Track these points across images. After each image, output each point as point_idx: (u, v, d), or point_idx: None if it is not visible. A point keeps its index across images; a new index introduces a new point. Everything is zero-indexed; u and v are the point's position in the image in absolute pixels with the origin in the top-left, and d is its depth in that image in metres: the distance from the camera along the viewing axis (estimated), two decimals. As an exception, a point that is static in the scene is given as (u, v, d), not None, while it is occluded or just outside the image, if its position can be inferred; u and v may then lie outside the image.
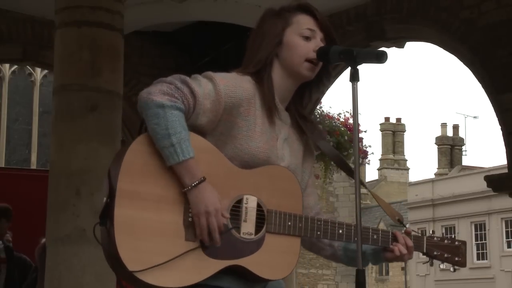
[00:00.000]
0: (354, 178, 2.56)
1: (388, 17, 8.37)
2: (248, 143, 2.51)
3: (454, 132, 45.48)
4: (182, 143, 2.36)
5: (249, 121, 2.53)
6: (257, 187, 2.49)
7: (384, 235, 2.69)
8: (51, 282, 5.70)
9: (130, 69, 8.47)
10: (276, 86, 2.62)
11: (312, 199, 2.76)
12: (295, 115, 2.71)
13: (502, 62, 7.43)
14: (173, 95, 2.39)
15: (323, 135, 2.77)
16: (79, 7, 5.99)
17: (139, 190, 2.36)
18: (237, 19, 8.85)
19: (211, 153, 2.47)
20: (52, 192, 5.84)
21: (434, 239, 2.80)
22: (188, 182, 2.37)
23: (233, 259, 2.43)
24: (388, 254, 2.70)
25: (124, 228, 2.33)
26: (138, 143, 2.41)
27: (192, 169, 2.37)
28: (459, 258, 2.82)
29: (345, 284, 31.02)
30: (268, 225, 2.49)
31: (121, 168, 2.35)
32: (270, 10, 2.71)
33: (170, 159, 2.37)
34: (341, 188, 30.55)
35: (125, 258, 2.32)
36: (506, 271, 31.96)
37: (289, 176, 2.55)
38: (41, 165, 24.52)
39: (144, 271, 2.32)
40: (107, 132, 5.87)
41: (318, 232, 2.57)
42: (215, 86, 2.47)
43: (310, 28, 2.63)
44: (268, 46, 2.63)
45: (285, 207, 2.52)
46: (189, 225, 2.40)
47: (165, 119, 2.36)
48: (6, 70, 26.23)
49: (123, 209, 2.34)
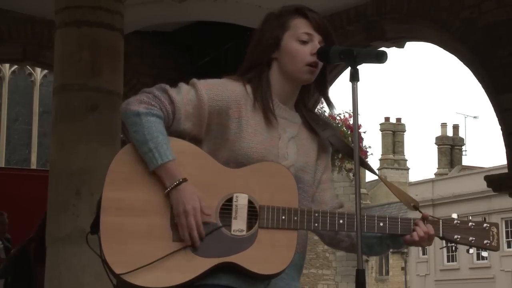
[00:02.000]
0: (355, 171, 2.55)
1: (388, 17, 8.37)
2: (240, 144, 2.55)
3: (454, 132, 45.48)
4: (159, 147, 2.44)
5: (240, 122, 2.57)
6: (248, 184, 2.50)
7: (392, 222, 2.61)
8: (51, 282, 5.70)
9: (130, 69, 8.47)
10: (277, 88, 2.66)
11: (327, 194, 2.78)
12: (304, 114, 2.73)
13: (502, 62, 7.43)
14: (150, 103, 2.49)
15: (335, 132, 2.78)
16: (79, 7, 5.99)
17: (125, 197, 2.44)
18: (237, 19, 8.85)
19: (197, 156, 2.52)
20: (52, 192, 5.84)
21: (454, 222, 2.67)
22: (168, 184, 2.44)
23: (223, 257, 2.43)
24: (407, 238, 2.63)
25: (110, 234, 2.41)
26: (123, 153, 2.50)
27: (172, 171, 2.44)
28: (489, 241, 2.67)
29: (345, 284, 31.02)
30: (261, 220, 2.48)
31: (106, 177, 2.45)
32: (271, 14, 2.74)
33: (151, 164, 2.45)
34: (341, 188, 30.55)
35: (111, 262, 2.39)
36: (506, 271, 31.98)
37: (282, 171, 2.54)
38: (41, 165, 24.55)
39: (131, 273, 2.37)
40: (107, 132, 5.87)
41: (316, 224, 2.55)
42: (196, 91, 2.55)
43: (307, 32, 2.66)
44: (264, 49, 2.66)
45: (278, 202, 2.51)
46: (176, 226, 2.43)
47: (142, 126, 2.46)
48: (6, 70, 26.27)
49: (109, 216, 2.43)
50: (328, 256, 31.89)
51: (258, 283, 2.52)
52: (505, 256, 32.30)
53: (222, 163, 2.52)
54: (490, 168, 28.71)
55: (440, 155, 43.98)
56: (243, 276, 2.48)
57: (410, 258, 37.17)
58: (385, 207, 39.19)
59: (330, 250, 31.19)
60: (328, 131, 2.74)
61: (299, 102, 2.74)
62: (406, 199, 2.77)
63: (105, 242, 2.41)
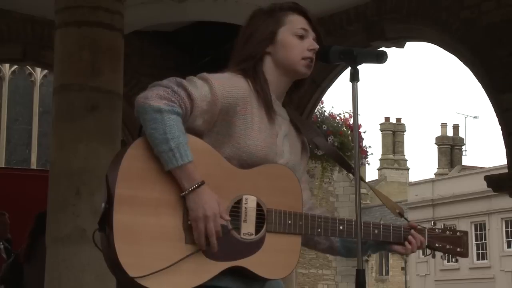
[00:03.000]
0: (354, 175, 2.56)
1: (388, 17, 8.36)
2: (246, 141, 2.51)
3: (454, 132, 45.48)
4: (180, 148, 2.36)
5: (246, 119, 2.53)
6: (256, 186, 2.48)
7: (385, 230, 2.70)
8: (51, 282, 5.70)
9: (130, 69, 8.46)
10: (272, 84, 2.65)
11: (305, 195, 2.74)
12: (289, 112, 2.72)
13: (502, 62, 7.42)
14: (170, 99, 2.39)
15: (319, 132, 2.78)
16: (79, 7, 5.99)
17: (138, 195, 2.36)
18: (237, 19, 8.82)
19: (209, 154, 2.46)
20: (52, 192, 5.84)
21: (436, 231, 2.80)
22: (187, 186, 2.37)
23: (234, 260, 2.42)
24: (396, 246, 2.73)
25: (124, 234, 2.32)
26: (135, 148, 2.41)
27: (191, 173, 2.37)
28: (461, 249, 2.81)
29: (345, 284, 31.02)
30: (268, 224, 2.48)
31: (118, 174, 2.35)
32: (260, 10, 2.73)
33: (169, 164, 2.36)
34: (341, 188, 30.57)
35: (125, 264, 2.31)
36: (506, 271, 31.95)
37: (288, 174, 2.55)
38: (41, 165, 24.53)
39: (146, 277, 2.31)
40: (107, 132, 5.87)
41: (319, 229, 2.56)
42: (211, 87, 2.48)
43: (303, 27, 2.66)
44: (259, 43, 2.65)
45: (284, 206, 2.51)
46: (189, 228, 2.39)
47: (163, 124, 2.35)
48: (6, 70, 26.25)
49: (122, 215, 2.33)
50: (328, 256, 31.88)
51: (254, 283, 2.52)
52: (505, 256, 32.28)
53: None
54: (490, 168, 28.70)
55: (440, 155, 43.98)
56: (242, 277, 2.47)
57: (410, 258, 37.14)
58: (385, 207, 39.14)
59: (330, 250, 31.14)
60: (313, 132, 2.75)
61: (286, 100, 2.73)
62: (392, 206, 2.85)
63: (118, 243, 2.31)
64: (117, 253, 2.31)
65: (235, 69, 2.63)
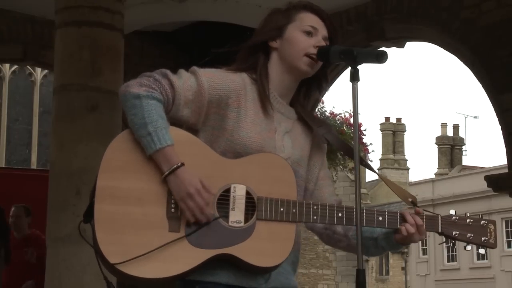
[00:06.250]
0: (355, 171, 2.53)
1: (388, 17, 8.37)
2: (239, 133, 2.51)
3: (454, 132, 45.47)
4: (158, 131, 2.38)
5: (239, 112, 2.54)
6: (246, 175, 2.46)
7: (391, 216, 2.59)
8: (51, 282, 5.71)
9: (130, 69, 8.44)
10: (275, 81, 2.65)
11: (326, 191, 2.74)
12: (300, 111, 2.71)
13: (502, 62, 7.43)
14: (151, 86, 2.44)
15: (330, 129, 2.75)
16: (79, 7, 5.99)
17: (120, 186, 2.40)
18: (237, 19, 8.85)
19: (194, 145, 2.48)
20: (52, 192, 5.84)
21: (452, 218, 2.66)
22: (166, 169, 2.38)
23: (221, 248, 2.40)
24: (397, 235, 2.60)
25: (105, 223, 2.37)
26: (118, 141, 2.46)
27: (170, 156, 2.38)
28: (487, 238, 2.64)
29: (345, 284, 31.01)
30: (259, 212, 2.45)
31: (100, 166, 2.41)
32: (276, 9, 2.74)
33: (148, 148, 2.39)
34: (341, 188, 30.53)
35: (106, 252, 2.34)
36: (506, 271, 31.97)
37: (281, 163, 2.51)
38: (41, 165, 24.51)
39: (126, 263, 2.33)
40: (107, 132, 5.87)
41: (315, 216, 2.51)
42: (197, 78, 2.52)
43: (312, 25, 2.66)
44: (264, 33, 2.66)
45: (277, 194, 2.47)
46: (173, 216, 2.40)
47: (141, 108, 2.40)
48: (6, 70, 26.23)
49: (103, 205, 2.38)
50: (328, 256, 31.88)
51: (258, 277, 2.49)
52: (505, 256, 32.30)
53: (219, 154, 2.49)
54: (490, 168, 28.70)
55: (440, 155, 43.97)
56: (243, 272, 2.45)
57: (410, 258, 37.16)
58: (385, 207, 39.18)
59: (330, 250, 31.18)
60: (324, 128, 2.72)
61: (295, 100, 2.72)
62: (404, 195, 2.73)
63: (99, 232, 2.36)
64: (98, 241, 2.36)
65: (234, 66, 2.65)
